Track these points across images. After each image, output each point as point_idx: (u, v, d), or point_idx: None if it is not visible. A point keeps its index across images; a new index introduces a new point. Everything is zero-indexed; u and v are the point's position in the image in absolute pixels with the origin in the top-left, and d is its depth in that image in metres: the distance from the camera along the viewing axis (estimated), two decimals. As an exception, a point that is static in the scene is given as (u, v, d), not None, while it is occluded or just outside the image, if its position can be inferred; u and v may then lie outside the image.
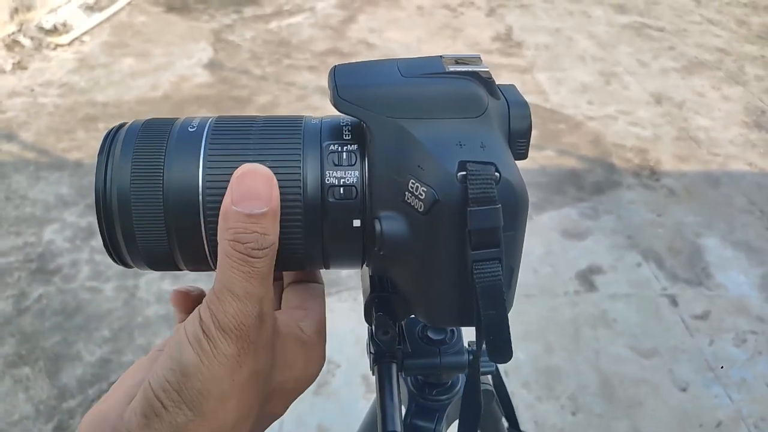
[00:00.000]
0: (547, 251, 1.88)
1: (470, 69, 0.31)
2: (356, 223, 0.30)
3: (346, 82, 0.30)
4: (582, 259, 1.85)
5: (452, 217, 0.28)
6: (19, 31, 3.20)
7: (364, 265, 0.33)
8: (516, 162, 0.31)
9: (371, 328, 0.38)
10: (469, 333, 0.41)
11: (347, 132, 0.31)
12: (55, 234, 1.89)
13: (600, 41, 3.46)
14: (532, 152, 0.34)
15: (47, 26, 3.30)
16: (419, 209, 0.29)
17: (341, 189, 0.30)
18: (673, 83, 3.00)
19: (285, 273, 0.37)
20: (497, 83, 0.32)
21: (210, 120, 0.32)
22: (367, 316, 0.34)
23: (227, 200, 0.27)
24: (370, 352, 0.42)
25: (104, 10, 3.63)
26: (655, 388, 1.46)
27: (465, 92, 0.30)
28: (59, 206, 2.01)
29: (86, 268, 1.77)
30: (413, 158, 0.29)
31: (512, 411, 0.61)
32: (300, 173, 0.29)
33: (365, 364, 1.54)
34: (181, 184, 0.29)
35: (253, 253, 0.27)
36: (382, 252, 0.30)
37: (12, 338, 1.56)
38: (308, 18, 3.69)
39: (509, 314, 0.30)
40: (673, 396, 1.45)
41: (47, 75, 2.91)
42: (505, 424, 0.62)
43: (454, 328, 0.49)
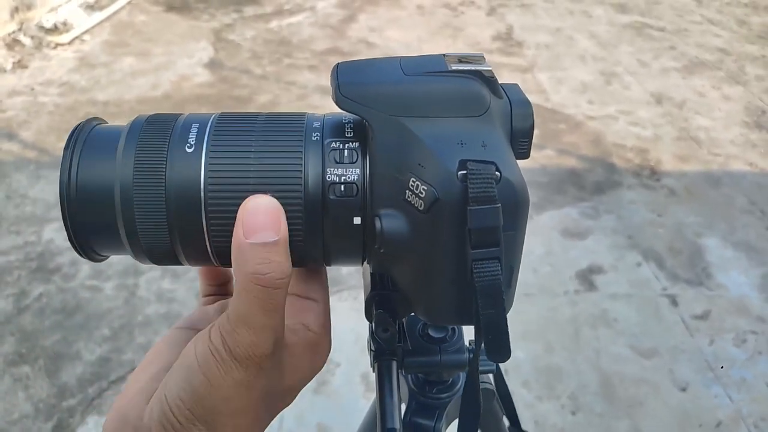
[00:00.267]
0: (548, 251, 1.88)
1: (473, 68, 0.31)
2: (357, 221, 0.30)
3: (349, 80, 0.30)
4: (582, 259, 1.86)
5: (452, 216, 0.28)
6: (20, 30, 3.20)
7: (365, 263, 0.33)
8: (517, 161, 0.31)
9: (371, 326, 0.38)
10: (470, 331, 0.41)
11: (349, 129, 0.31)
12: (55, 233, 1.89)
13: (601, 41, 3.46)
14: (533, 152, 0.34)
15: (47, 25, 3.30)
16: (419, 207, 0.29)
17: (342, 186, 0.30)
18: (674, 83, 3.00)
19: None
20: (500, 82, 0.32)
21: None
22: (368, 314, 0.34)
23: (238, 234, 0.27)
24: (371, 350, 0.42)
25: (104, 9, 3.63)
26: (656, 388, 1.46)
27: (467, 91, 0.30)
28: (59, 205, 2.01)
29: (86, 267, 1.77)
30: (414, 156, 0.29)
31: (513, 410, 0.61)
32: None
33: (365, 363, 1.53)
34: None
35: (274, 283, 0.27)
36: (383, 250, 0.30)
37: (12, 337, 1.56)
38: (308, 17, 3.69)
39: (509, 313, 0.30)
40: (673, 396, 1.45)
41: (47, 74, 2.91)
42: (506, 423, 0.62)
43: (455, 327, 0.49)
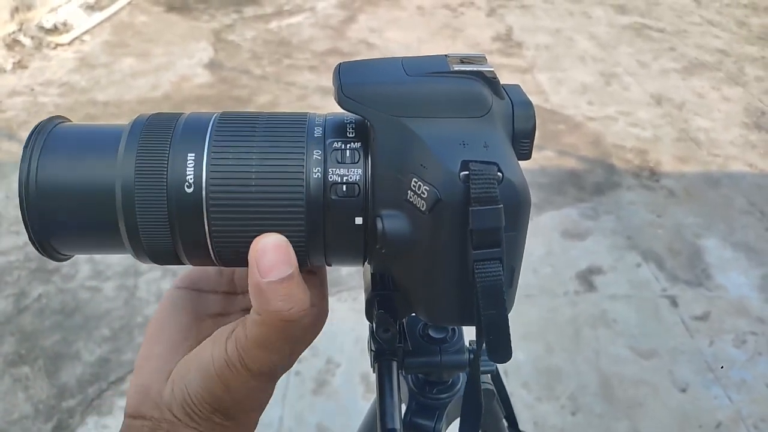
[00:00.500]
0: (548, 251, 1.88)
1: (475, 68, 0.31)
2: (358, 221, 0.30)
3: (351, 80, 0.30)
4: (582, 260, 1.86)
5: (454, 217, 0.28)
6: (20, 31, 3.20)
7: (366, 263, 0.33)
8: (519, 162, 0.31)
9: (372, 326, 0.38)
10: (470, 332, 0.41)
11: (351, 130, 0.31)
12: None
13: (600, 42, 3.46)
14: (532, 153, 0.34)
15: (48, 25, 3.30)
16: (421, 208, 0.29)
17: (344, 186, 0.30)
18: (673, 84, 3.00)
19: None
20: (502, 83, 0.32)
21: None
22: (368, 314, 0.35)
23: (254, 276, 0.28)
24: (371, 350, 0.42)
25: (105, 10, 3.63)
26: (655, 389, 1.46)
27: (469, 92, 0.30)
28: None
29: (86, 268, 1.77)
30: (416, 157, 0.29)
31: (511, 411, 0.61)
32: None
33: (365, 364, 1.52)
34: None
35: (296, 317, 0.29)
36: (384, 250, 0.30)
37: (12, 337, 1.56)
38: (308, 18, 3.69)
39: (509, 314, 0.30)
40: (673, 397, 1.45)
41: (47, 74, 2.91)
42: (505, 424, 0.62)
43: (455, 327, 0.49)
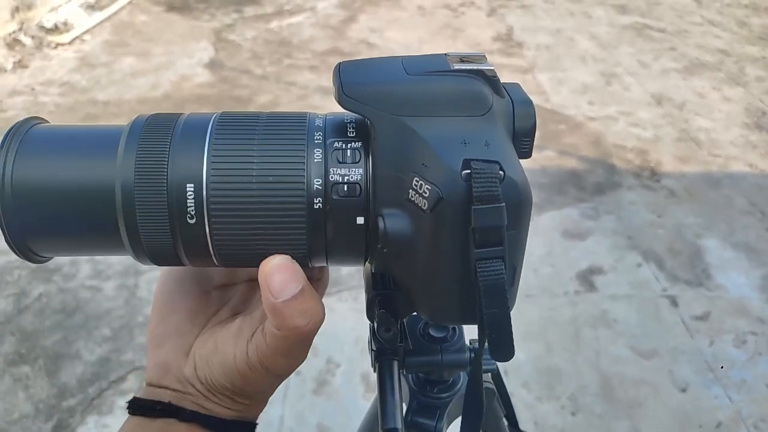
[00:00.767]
0: (548, 251, 1.88)
1: (475, 67, 0.31)
2: (360, 221, 0.30)
3: (351, 80, 0.30)
4: (582, 260, 1.85)
5: (456, 215, 0.28)
6: (20, 30, 3.20)
7: (366, 263, 0.33)
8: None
9: (373, 326, 0.38)
10: (470, 331, 0.41)
11: (352, 129, 0.31)
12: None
13: (601, 42, 3.46)
14: (533, 152, 0.34)
15: (48, 25, 3.30)
16: (423, 207, 0.29)
17: (345, 186, 0.30)
18: (674, 84, 3.00)
19: None
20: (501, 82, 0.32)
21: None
22: (370, 314, 0.34)
23: (268, 298, 0.30)
24: (372, 350, 0.42)
25: (105, 9, 3.63)
26: (655, 389, 1.46)
27: (470, 90, 0.30)
28: None
29: (86, 267, 1.77)
30: (417, 156, 0.29)
31: (512, 410, 0.61)
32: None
33: (365, 364, 1.52)
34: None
35: (314, 329, 0.31)
36: (386, 249, 0.30)
37: (12, 337, 1.56)
38: (309, 18, 3.69)
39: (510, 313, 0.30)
40: (673, 397, 1.45)
41: (48, 74, 2.91)
42: (505, 423, 0.62)
43: (455, 326, 0.49)
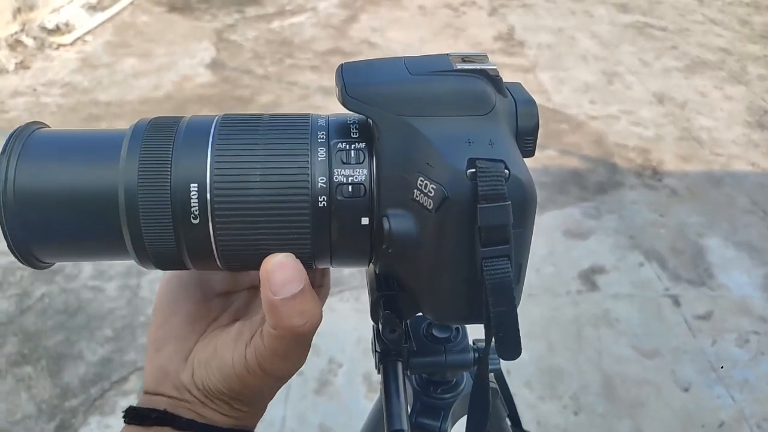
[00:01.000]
0: (550, 251, 1.88)
1: (478, 67, 0.31)
2: (364, 221, 0.30)
3: (354, 80, 0.30)
4: (584, 259, 1.85)
5: (462, 215, 0.28)
6: (22, 31, 3.20)
7: (370, 263, 0.33)
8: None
9: (377, 327, 0.38)
10: (474, 330, 0.41)
11: (355, 130, 0.31)
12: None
13: (602, 41, 3.45)
14: (535, 151, 0.34)
15: (50, 26, 3.30)
16: (428, 207, 0.28)
17: (349, 187, 0.29)
18: (676, 83, 2.99)
19: None
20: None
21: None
22: (374, 315, 0.34)
23: (267, 295, 0.30)
24: (376, 351, 0.42)
25: (107, 10, 3.64)
26: (658, 389, 1.46)
27: (473, 90, 0.30)
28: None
29: (88, 268, 1.77)
30: (422, 156, 0.29)
31: (514, 410, 0.61)
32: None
33: (367, 364, 1.52)
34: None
35: (311, 330, 0.31)
36: (391, 250, 0.30)
37: (14, 337, 1.56)
38: (310, 17, 3.69)
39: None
40: (676, 396, 1.45)
41: (50, 75, 2.92)
42: (508, 423, 0.62)
43: (459, 326, 0.49)
